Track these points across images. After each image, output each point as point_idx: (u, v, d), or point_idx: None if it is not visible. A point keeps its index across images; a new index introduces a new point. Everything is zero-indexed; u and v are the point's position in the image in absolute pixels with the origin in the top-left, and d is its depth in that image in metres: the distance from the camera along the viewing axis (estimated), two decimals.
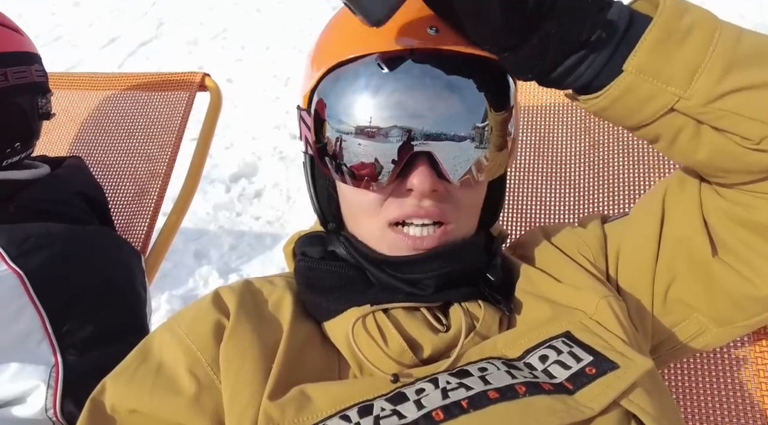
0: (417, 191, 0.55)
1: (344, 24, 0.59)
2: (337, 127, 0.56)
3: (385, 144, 0.54)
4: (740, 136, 0.49)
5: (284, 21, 3.68)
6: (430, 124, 0.53)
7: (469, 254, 0.61)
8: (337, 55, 0.56)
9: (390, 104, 0.53)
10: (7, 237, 0.76)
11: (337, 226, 0.65)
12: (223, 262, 2.17)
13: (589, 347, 0.53)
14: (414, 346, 0.57)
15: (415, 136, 0.53)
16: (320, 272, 0.62)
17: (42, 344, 0.72)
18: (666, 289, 0.62)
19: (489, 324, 0.59)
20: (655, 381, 0.55)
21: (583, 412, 0.47)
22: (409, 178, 0.55)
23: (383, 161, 0.55)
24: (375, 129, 0.54)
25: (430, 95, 0.54)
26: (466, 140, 0.55)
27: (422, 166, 0.54)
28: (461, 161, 0.55)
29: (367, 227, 0.60)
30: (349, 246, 0.62)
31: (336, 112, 0.56)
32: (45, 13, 4.14)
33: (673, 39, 0.48)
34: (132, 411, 0.55)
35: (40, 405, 0.70)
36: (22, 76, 0.89)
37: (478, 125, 0.55)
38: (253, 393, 0.53)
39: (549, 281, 0.62)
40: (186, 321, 0.60)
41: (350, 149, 0.56)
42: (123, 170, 1.23)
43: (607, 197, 0.97)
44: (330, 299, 0.60)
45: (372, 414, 0.49)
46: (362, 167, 0.55)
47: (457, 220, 0.59)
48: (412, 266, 0.58)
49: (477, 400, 0.48)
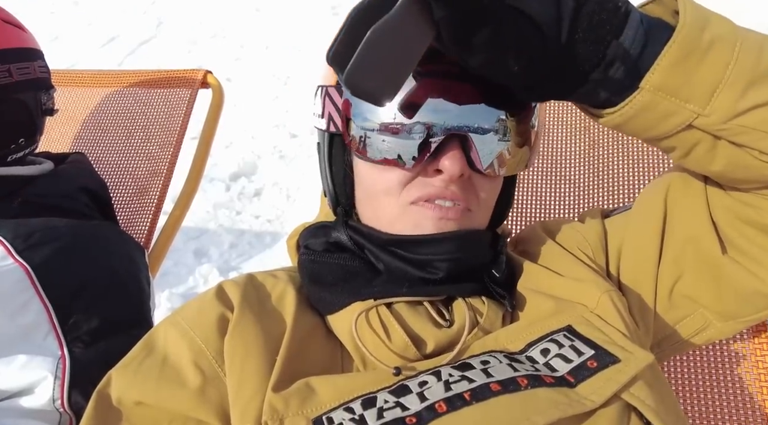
0: (447, 172, 0.55)
1: None
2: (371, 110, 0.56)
3: (421, 126, 0.55)
4: (759, 150, 0.48)
5: (283, 20, 3.69)
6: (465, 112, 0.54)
7: (480, 247, 0.61)
8: None
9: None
10: (12, 232, 0.76)
11: (346, 210, 0.65)
12: (223, 260, 2.17)
13: (590, 341, 0.54)
14: (417, 341, 0.57)
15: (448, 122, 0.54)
16: (323, 266, 0.63)
17: (48, 336, 0.73)
18: (672, 286, 0.62)
19: (492, 320, 0.60)
20: (655, 375, 0.56)
21: (585, 404, 0.47)
22: (441, 159, 0.55)
23: (418, 140, 0.55)
24: (413, 109, 0.54)
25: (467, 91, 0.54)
26: (492, 132, 0.55)
27: (455, 149, 0.55)
28: (487, 153, 0.56)
29: (385, 208, 0.60)
30: (356, 234, 0.62)
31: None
32: (44, 12, 4.14)
33: (693, 57, 0.46)
34: (138, 403, 0.56)
35: (48, 396, 0.71)
36: (25, 73, 0.90)
37: (502, 118, 0.56)
38: (257, 385, 0.53)
39: (550, 277, 0.62)
40: (190, 315, 0.61)
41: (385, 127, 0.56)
42: (124, 168, 1.24)
43: (605, 196, 0.97)
44: (333, 293, 0.61)
45: (375, 406, 0.50)
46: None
47: (477, 209, 0.60)
48: (426, 246, 0.58)
49: (479, 392, 0.49)
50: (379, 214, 0.61)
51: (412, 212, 0.58)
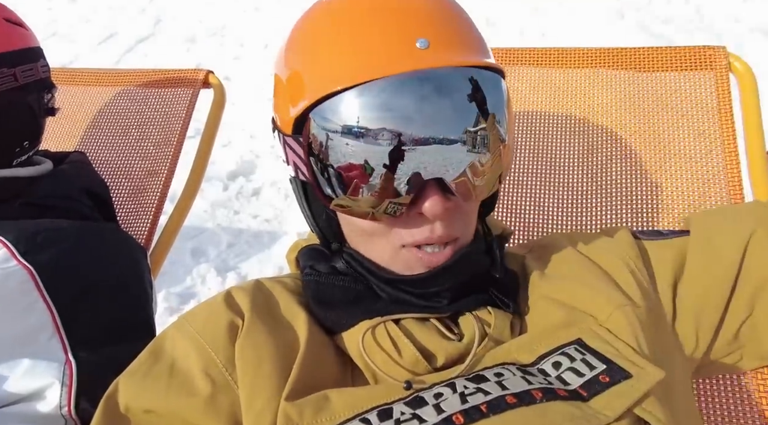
0: (429, 214, 0.54)
1: (323, 38, 0.56)
2: (337, 161, 0.52)
3: (398, 176, 0.52)
4: None
5: (283, 19, 3.68)
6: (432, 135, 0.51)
7: (475, 263, 0.61)
8: (325, 86, 0.52)
9: (396, 120, 0.50)
10: (15, 233, 0.76)
11: (339, 245, 0.63)
12: (221, 260, 2.17)
13: (601, 355, 0.54)
14: (427, 355, 0.57)
15: (427, 167, 0.51)
16: (328, 287, 0.62)
17: (52, 339, 0.72)
18: (739, 325, 0.63)
19: (501, 329, 0.59)
20: (669, 390, 0.56)
21: (600, 419, 0.48)
22: (421, 204, 0.53)
23: (397, 189, 0.52)
24: (387, 160, 0.51)
25: (439, 111, 0.51)
26: (459, 143, 0.52)
27: (433, 192, 0.53)
28: (458, 169, 0.53)
29: (377, 249, 0.59)
30: (355, 263, 0.61)
31: (336, 147, 0.52)
32: (41, 8, 4.12)
33: None
34: (147, 411, 0.56)
35: (55, 402, 0.70)
36: (30, 75, 0.89)
37: (470, 130, 0.53)
38: (271, 393, 0.53)
39: (563, 283, 0.62)
40: (198, 321, 0.60)
41: (357, 182, 0.53)
42: (124, 168, 1.23)
43: (603, 201, 0.98)
44: (340, 313, 0.60)
45: (392, 417, 0.50)
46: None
47: (464, 230, 0.59)
48: (426, 282, 0.58)
49: (496, 405, 0.49)
50: (373, 255, 0.60)
51: (403, 255, 0.58)
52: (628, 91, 1.04)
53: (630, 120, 1.02)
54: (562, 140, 1.05)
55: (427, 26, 0.53)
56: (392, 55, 0.51)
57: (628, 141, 1.01)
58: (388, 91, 0.50)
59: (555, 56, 1.10)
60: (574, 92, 1.07)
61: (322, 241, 0.65)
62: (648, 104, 1.02)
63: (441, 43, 0.52)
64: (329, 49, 0.54)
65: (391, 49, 0.51)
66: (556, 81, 1.09)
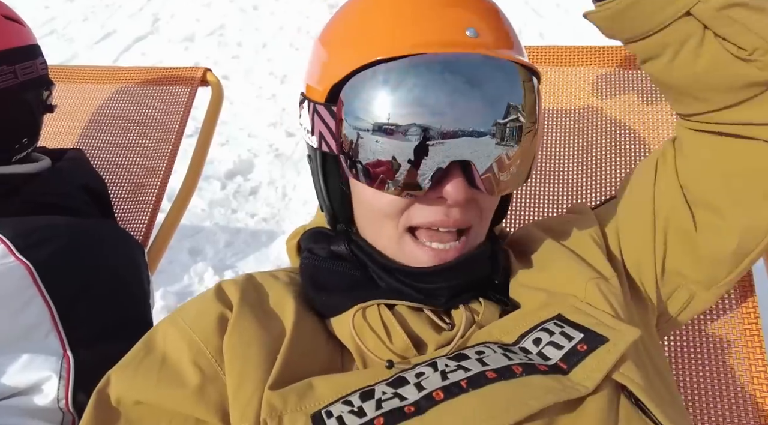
0: (452, 200, 0.54)
1: (379, 13, 0.57)
2: (372, 126, 0.53)
3: (430, 148, 0.52)
4: (737, 46, 0.54)
5: (281, 18, 3.68)
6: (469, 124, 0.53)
7: (480, 266, 0.62)
8: (377, 50, 0.54)
9: (437, 107, 0.52)
10: (13, 230, 0.76)
11: (346, 227, 0.64)
12: (219, 259, 2.17)
13: (579, 325, 0.55)
14: (418, 343, 0.58)
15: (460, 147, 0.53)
16: (326, 272, 0.63)
17: (50, 335, 0.73)
18: (663, 262, 0.65)
19: (488, 318, 0.60)
20: (644, 352, 0.58)
21: (579, 390, 0.49)
22: (444, 186, 0.54)
23: (425, 167, 0.53)
24: (420, 132, 0.52)
25: (474, 100, 0.53)
26: (488, 135, 0.54)
27: (458, 175, 0.54)
28: (486, 164, 0.55)
29: (384, 231, 0.59)
30: (358, 250, 0.62)
31: (372, 111, 0.53)
32: (39, 6, 4.10)
33: None
34: (137, 402, 0.56)
35: (53, 395, 0.71)
36: (29, 72, 0.89)
37: (500, 122, 0.54)
38: (257, 383, 0.53)
39: (541, 271, 0.64)
40: (189, 314, 0.61)
41: (385, 151, 0.53)
42: (122, 165, 1.23)
43: (600, 197, 0.99)
44: (336, 297, 0.61)
45: (374, 398, 0.50)
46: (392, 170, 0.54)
47: (478, 225, 0.60)
48: (428, 277, 0.59)
49: (476, 380, 0.50)
50: (379, 236, 0.60)
51: (408, 246, 0.58)
52: (624, 89, 1.05)
53: (626, 118, 1.03)
54: (558, 137, 1.06)
55: (477, 18, 0.56)
56: (446, 36, 0.54)
57: (625, 139, 1.02)
58: (437, 69, 0.52)
59: (553, 55, 1.11)
60: (572, 90, 1.08)
61: (329, 219, 0.66)
62: (644, 102, 1.03)
63: (488, 36, 0.56)
64: (386, 20, 0.56)
65: (446, 30, 0.54)
66: (554, 79, 1.09)
